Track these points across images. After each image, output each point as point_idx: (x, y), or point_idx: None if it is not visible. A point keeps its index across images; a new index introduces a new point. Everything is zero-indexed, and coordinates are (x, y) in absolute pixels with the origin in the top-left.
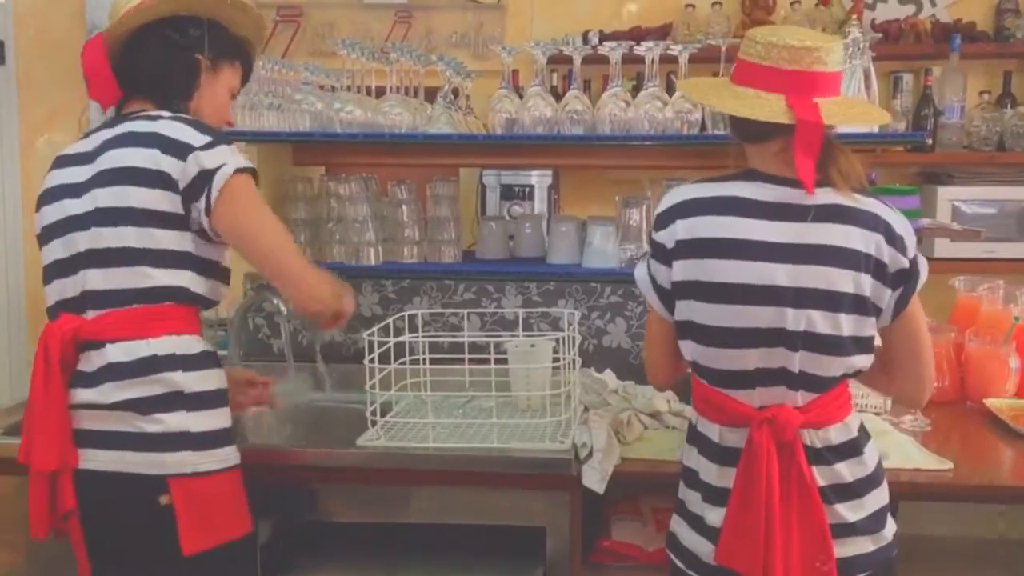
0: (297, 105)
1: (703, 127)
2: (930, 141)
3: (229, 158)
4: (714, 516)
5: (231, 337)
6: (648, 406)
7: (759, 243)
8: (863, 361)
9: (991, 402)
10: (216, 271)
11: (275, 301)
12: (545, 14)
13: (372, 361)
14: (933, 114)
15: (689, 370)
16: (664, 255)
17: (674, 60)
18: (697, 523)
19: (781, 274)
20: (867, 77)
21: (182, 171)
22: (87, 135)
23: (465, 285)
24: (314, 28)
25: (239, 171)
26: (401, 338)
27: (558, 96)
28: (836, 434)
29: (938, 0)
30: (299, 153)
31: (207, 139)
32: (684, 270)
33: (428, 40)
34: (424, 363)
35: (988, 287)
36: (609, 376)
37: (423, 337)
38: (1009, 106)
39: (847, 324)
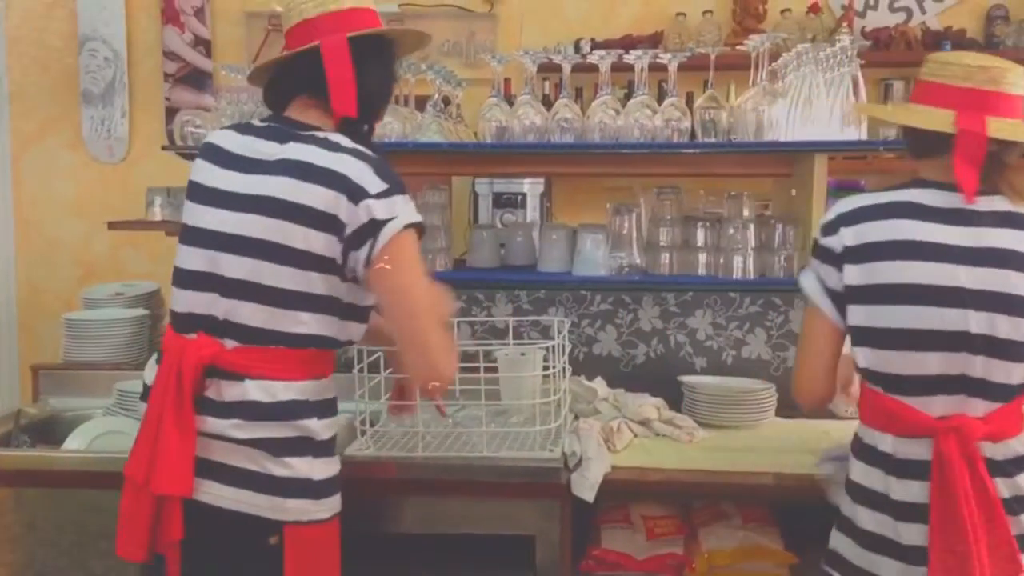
0: None
1: (693, 135)
2: None
3: (401, 210)
4: (910, 534)
5: None
6: (638, 414)
7: (937, 245)
8: None
9: None
10: (358, 313)
11: None
12: (536, 22)
13: (362, 371)
14: None
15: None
16: (833, 259)
17: (664, 68)
18: (881, 543)
19: (963, 275)
20: (855, 85)
21: (351, 215)
22: (246, 130)
23: (456, 293)
24: None
25: (408, 226)
26: (390, 347)
27: (549, 104)
28: (1016, 447)
29: (928, 8)
30: None
31: (384, 186)
32: (859, 274)
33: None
34: None
35: None
36: (599, 384)
37: None
38: None
39: None
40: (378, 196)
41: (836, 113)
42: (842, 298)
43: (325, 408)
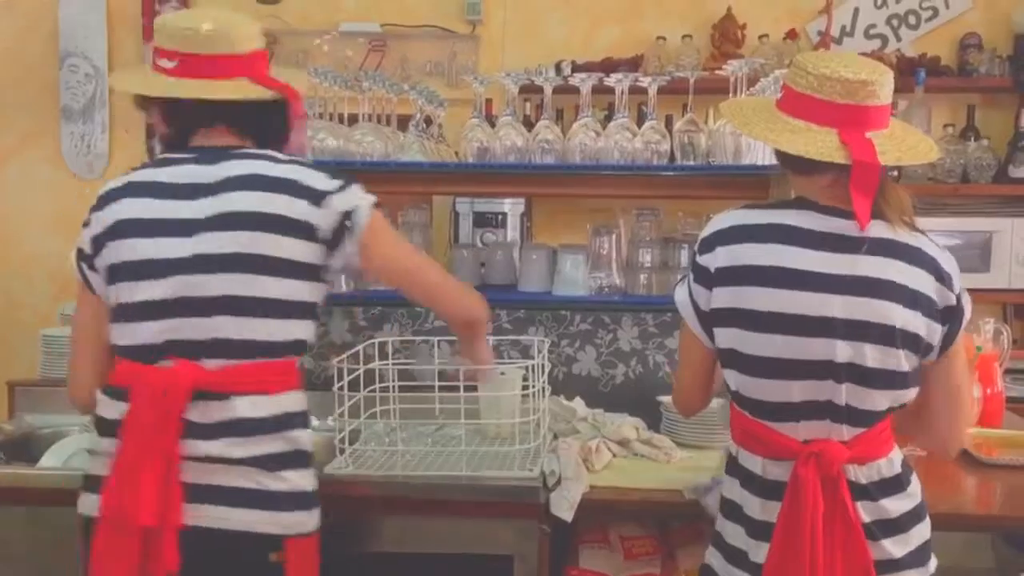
0: None
1: (672, 157)
2: (895, 173)
3: (360, 197)
4: (759, 552)
5: None
6: (617, 434)
7: (812, 273)
8: (909, 395)
9: None
10: (317, 314)
11: None
12: (518, 44)
13: (341, 389)
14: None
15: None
16: (707, 278)
17: (644, 91)
18: (738, 557)
19: (836, 306)
20: None
21: (322, 218)
22: (167, 163)
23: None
24: (289, 56)
25: (372, 207)
26: (371, 365)
27: (530, 125)
28: (881, 469)
29: (903, 35)
30: None
31: (338, 183)
32: (728, 297)
33: (402, 68)
34: (394, 390)
35: None
36: (578, 404)
37: (393, 364)
38: (972, 139)
39: (898, 359)
40: (338, 191)
41: None
42: (709, 318)
43: (306, 418)
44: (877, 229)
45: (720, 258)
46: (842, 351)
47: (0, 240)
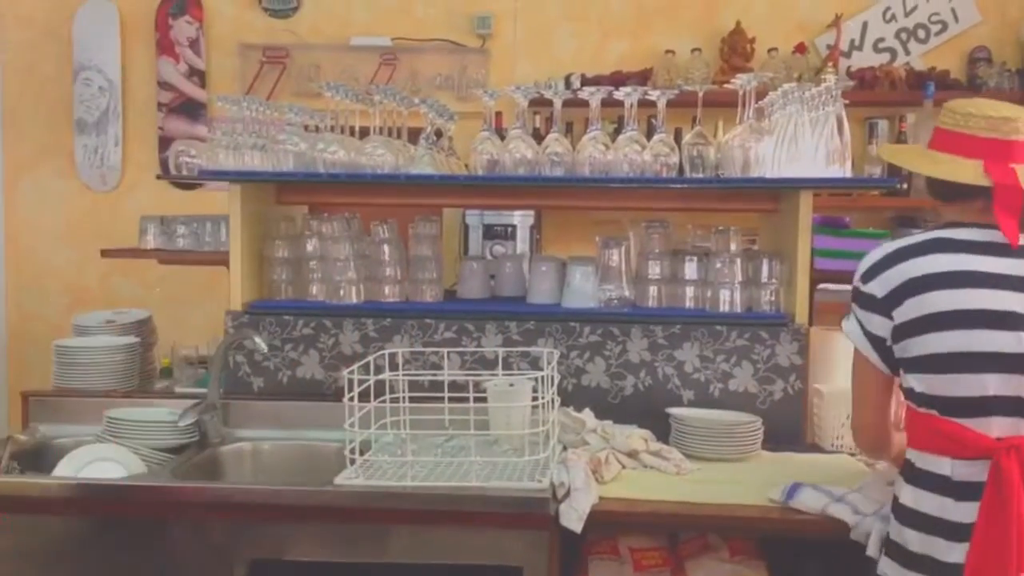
0: (281, 145)
1: (681, 170)
2: (905, 186)
3: None
4: (950, 553)
5: (211, 374)
6: (626, 445)
7: (984, 273)
8: None
9: None
10: None
11: (255, 339)
12: (527, 58)
13: (352, 399)
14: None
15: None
16: (876, 304)
17: (653, 104)
18: (922, 563)
19: (1014, 301)
20: (840, 123)
21: None
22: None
23: (446, 324)
24: (300, 70)
25: None
26: (381, 376)
27: (540, 138)
28: None
29: (912, 48)
30: (283, 192)
31: None
32: (906, 310)
33: (413, 82)
34: (404, 401)
35: None
36: (588, 415)
37: (403, 375)
38: None
39: None
40: None
41: (821, 151)
42: (886, 341)
43: None
44: None
45: (887, 281)
46: None
47: (14, 252)
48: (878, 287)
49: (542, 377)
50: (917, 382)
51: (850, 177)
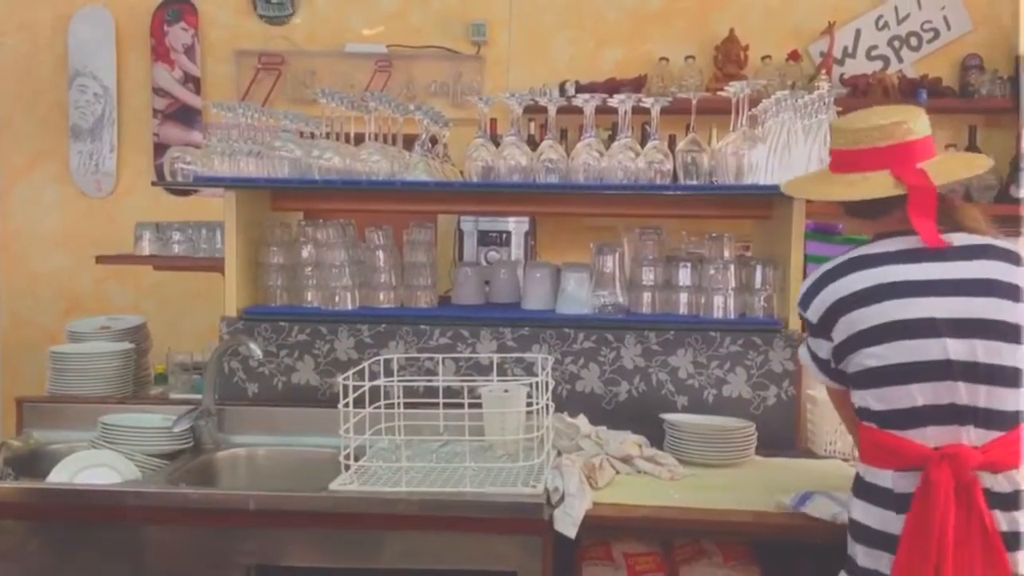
0: (276, 152)
1: (675, 177)
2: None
3: None
4: (887, 565)
5: (206, 381)
6: (620, 451)
7: (908, 282)
8: None
9: None
10: None
11: (250, 345)
12: (522, 65)
13: (347, 405)
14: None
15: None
16: (815, 329)
17: (647, 111)
18: None
19: (936, 307)
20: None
21: None
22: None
23: (440, 330)
24: (296, 76)
25: None
26: (376, 382)
27: (534, 145)
28: (1018, 478)
29: (905, 56)
30: (278, 199)
31: None
32: (840, 330)
33: (408, 89)
34: (399, 407)
35: None
36: (582, 421)
37: (398, 381)
38: None
39: (1016, 354)
40: None
41: (813, 158)
42: (831, 363)
43: None
44: (961, 239)
45: (819, 305)
46: (954, 350)
47: (9, 258)
48: (813, 313)
49: (536, 383)
50: (859, 398)
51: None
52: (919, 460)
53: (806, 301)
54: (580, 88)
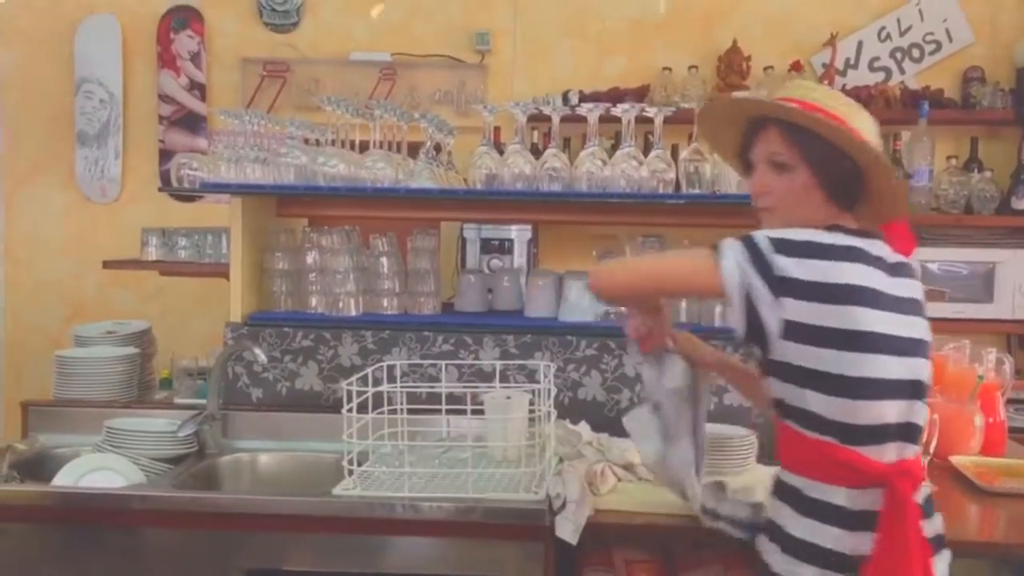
0: (282, 159)
1: (677, 186)
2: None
3: None
4: None
5: (211, 386)
6: (622, 458)
7: (889, 295)
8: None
9: (956, 459)
10: None
11: (255, 351)
12: (526, 73)
13: (350, 411)
14: (903, 177)
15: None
16: (772, 281)
17: (650, 121)
18: None
19: (912, 325)
20: None
21: None
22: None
23: (443, 337)
24: (300, 84)
25: None
26: (379, 388)
27: (538, 153)
28: (925, 486)
29: (907, 68)
30: (283, 205)
31: None
32: (808, 312)
33: (412, 97)
34: (401, 413)
35: (954, 347)
36: (584, 428)
37: (401, 387)
38: (976, 170)
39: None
40: None
41: None
42: (754, 310)
43: None
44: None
45: (798, 268)
46: (925, 370)
47: (14, 263)
48: (783, 265)
49: (539, 390)
50: (812, 401)
51: None
52: (879, 477)
53: (788, 250)
54: (583, 97)
